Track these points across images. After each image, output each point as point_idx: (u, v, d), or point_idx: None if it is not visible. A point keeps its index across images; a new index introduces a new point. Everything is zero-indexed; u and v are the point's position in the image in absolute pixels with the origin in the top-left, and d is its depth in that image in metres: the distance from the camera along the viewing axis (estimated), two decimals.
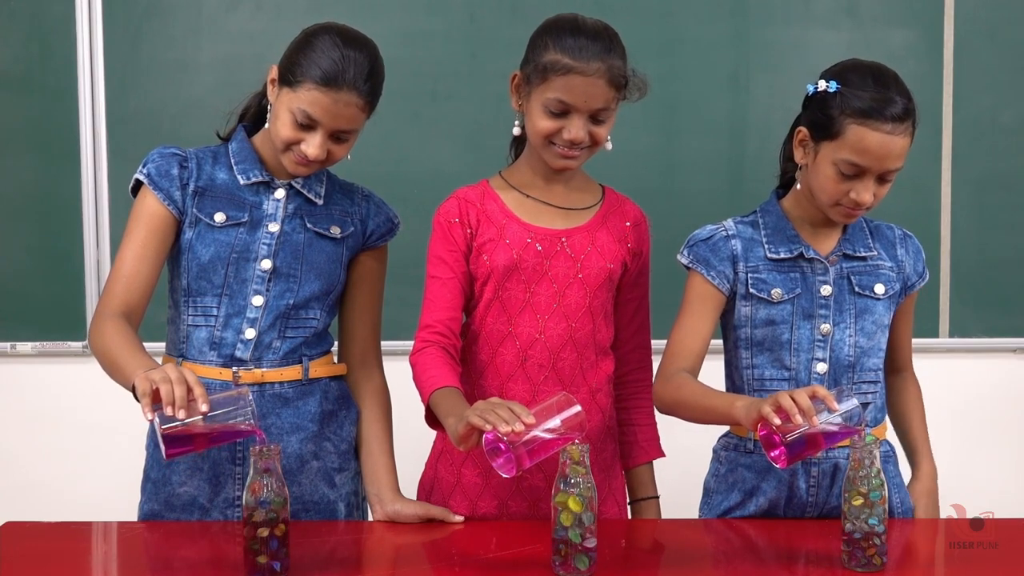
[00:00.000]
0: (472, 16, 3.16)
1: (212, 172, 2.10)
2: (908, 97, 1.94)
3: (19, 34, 3.21)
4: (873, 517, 1.77)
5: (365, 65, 2.00)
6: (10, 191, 3.26)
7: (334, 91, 1.97)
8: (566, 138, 2.02)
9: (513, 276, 2.07)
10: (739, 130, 3.15)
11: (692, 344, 2.05)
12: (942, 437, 2.08)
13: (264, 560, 1.74)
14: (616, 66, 2.02)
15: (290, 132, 2.00)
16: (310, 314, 2.12)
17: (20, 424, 3.33)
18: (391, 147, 3.18)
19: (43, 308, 3.29)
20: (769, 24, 3.20)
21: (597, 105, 2.01)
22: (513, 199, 2.12)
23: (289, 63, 2.01)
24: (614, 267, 2.11)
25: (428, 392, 1.95)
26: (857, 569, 1.79)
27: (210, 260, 2.06)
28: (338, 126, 2.00)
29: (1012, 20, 3.23)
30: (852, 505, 1.78)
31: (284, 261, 2.08)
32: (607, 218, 2.14)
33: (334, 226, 2.13)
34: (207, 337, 2.08)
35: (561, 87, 2.00)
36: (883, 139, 1.91)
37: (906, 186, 3.21)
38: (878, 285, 2.05)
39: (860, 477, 1.78)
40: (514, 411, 1.72)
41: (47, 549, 1.95)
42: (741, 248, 2.07)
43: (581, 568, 1.74)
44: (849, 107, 1.92)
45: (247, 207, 2.09)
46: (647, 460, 2.20)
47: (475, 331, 2.11)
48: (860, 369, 2.05)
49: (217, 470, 2.07)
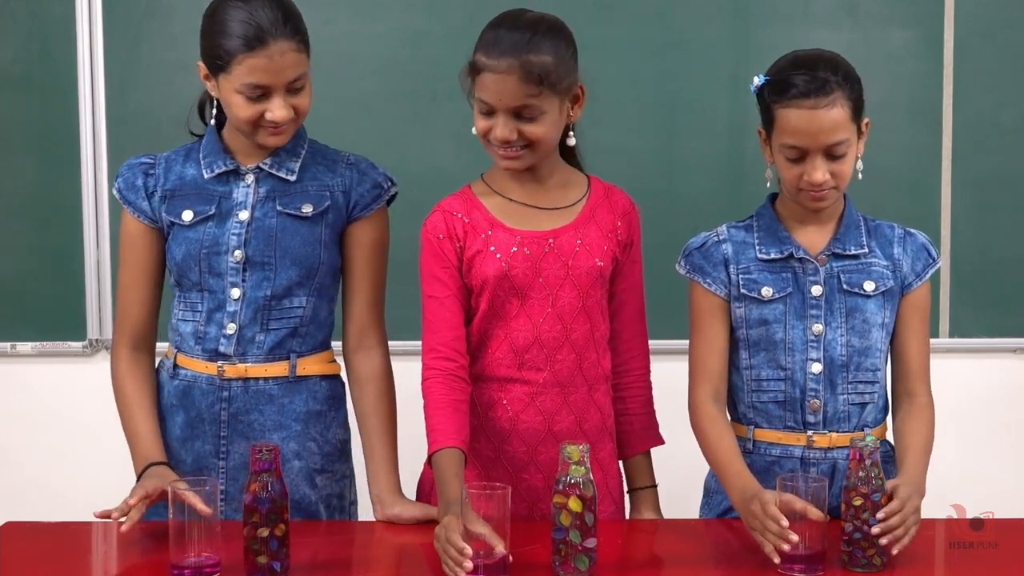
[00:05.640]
0: (472, 16, 3.13)
1: (182, 171, 2.09)
2: (832, 71, 1.93)
3: (19, 34, 3.21)
4: (874, 517, 1.77)
5: (275, 10, 1.95)
6: (10, 191, 3.26)
7: (263, 49, 1.94)
8: (492, 138, 2.00)
9: (504, 284, 2.06)
10: (739, 130, 3.15)
11: (711, 364, 2.06)
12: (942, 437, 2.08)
13: (264, 560, 1.74)
14: (532, 61, 1.95)
15: (249, 110, 1.98)
16: (294, 303, 2.08)
17: (20, 424, 3.32)
18: (391, 147, 3.17)
19: (43, 308, 3.28)
20: (769, 24, 3.20)
21: (513, 103, 1.96)
22: (497, 204, 2.09)
23: (209, 51, 1.99)
24: (604, 264, 2.08)
25: (431, 448, 1.97)
26: (857, 569, 1.79)
27: (183, 258, 2.07)
28: (287, 78, 1.97)
29: (1012, 20, 3.22)
30: (853, 506, 1.78)
31: (256, 249, 2.05)
32: (595, 212, 2.11)
33: (306, 204, 2.08)
34: (193, 331, 2.09)
35: (480, 86, 1.99)
36: (806, 115, 1.92)
37: (906, 186, 3.23)
38: (867, 282, 2.03)
39: (860, 478, 1.78)
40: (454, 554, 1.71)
41: (47, 549, 1.95)
42: (732, 251, 2.07)
43: (581, 568, 1.74)
44: (774, 94, 1.96)
45: (215, 199, 2.07)
46: (643, 449, 2.19)
47: (472, 337, 2.10)
48: (855, 368, 2.04)
49: (201, 463, 2.08)
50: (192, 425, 2.10)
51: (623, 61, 3.14)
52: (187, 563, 1.76)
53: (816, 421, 2.03)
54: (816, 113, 1.92)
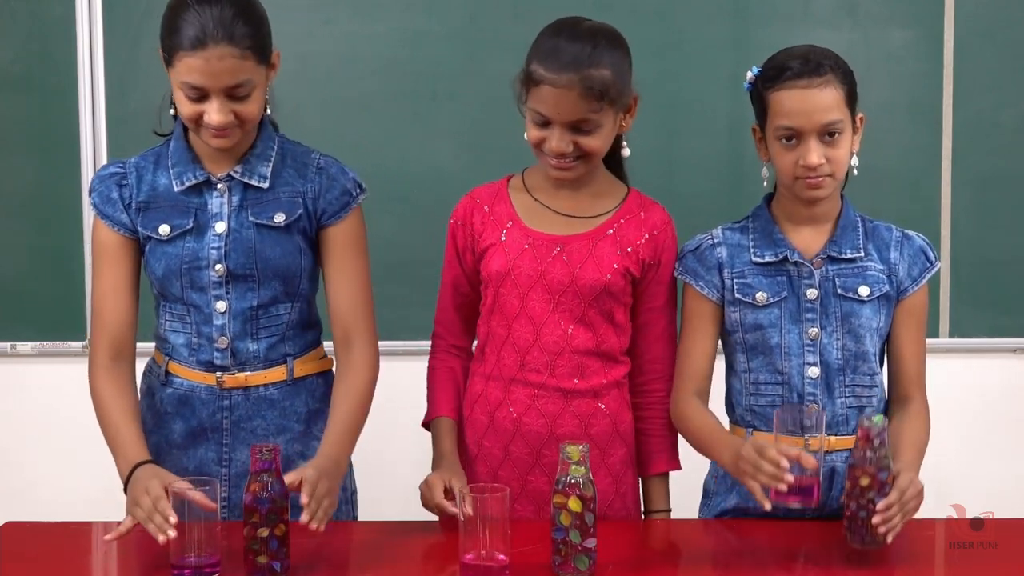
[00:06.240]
0: (472, 16, 3.16)
1: (154, 179, 2.05)
2: (825, 57, 1.97)
3: (19, 34, 3.21)
4: (880, 497, 1.76)
5: (225, 14, 1.90)
6: (10, 191, 3.26)
7: (201, 51, 1.88)
8: (546, 150, 1.99)
9: (507, 282, 2.06)
10: (739, 130, 3.13)
11: (698, 365, 2.07)
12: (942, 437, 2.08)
13: (264, 560, 1.74)
14: (592, 76, 1.93)
15: (189, 108, 1.94)
16: (280, 310, 2.07)
17: (20, 424, 3.32)
18: (391, 147, 3.18)
19: (43, 308, 3.28)
20: (769, 24, 3.20)
21: (572, 117, 1.95)
22: (523, 202, 2.10)
23: (162, 43, 1.96)
24: (612, 279, 2.05)
25: (426, 419, 2.16)
26: (859, 546, 1.79)
27: (164, 274, 2.04)
28: (224, 84, 1.91)
29: (1012, 20, 3.22)
30: (859, 485, 1.78)
31: (237, 263, 2.02)
32: (619, 227, 2.08)
33: (278, 213, 2.04)
34: (185, 343, 2.07)
35: (537, 98, 1.97)
36: (800, 94, 1.94)
37: (906, 186, 3.23)
38: (863, 287, 2.02)
39: (867, 457, 1.77)
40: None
41: (47, 549, 1.95)
42: (727, 255, 2.07)
43: (581, 568, 1.74)
44: (768, 80, 1.98)
45: (192, 211, 2.03)
46: (656, 472, 2.16)
47: (485, 334, 2.12)
48: (852, 372, 2.04)
49: (203, 471, 2.07)
50: (193, 434, 2.09)
51: None
52: (187, 563, 1.76)
53: (811, 425, 2.02)
54: (810, 92, 1.94)
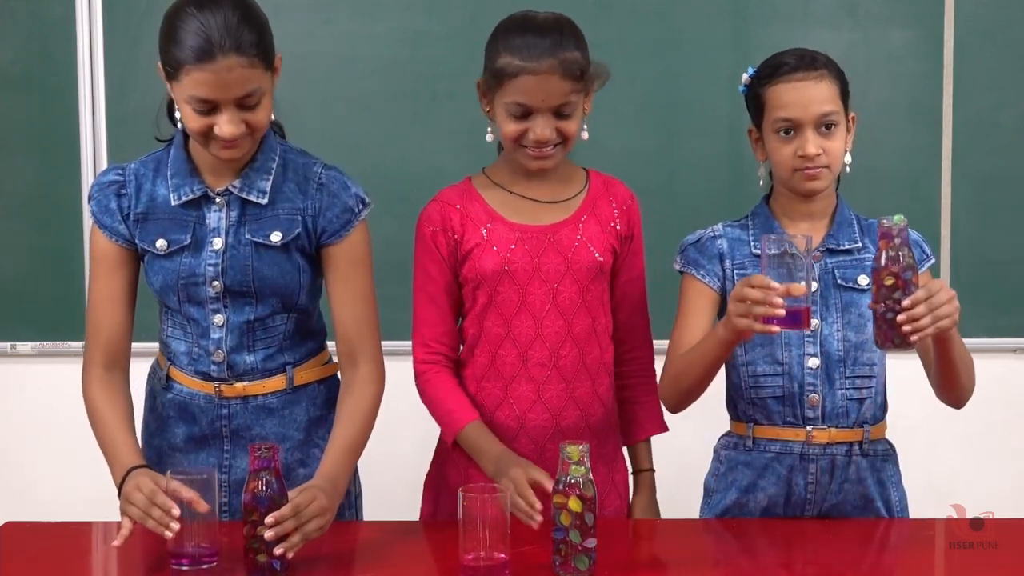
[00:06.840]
0: (472, 16, 3.16)
1: (153, 189, 2.01)
2: (817, 53, 2.05)
3: (19, 34, 3.21)
4: (905, 296, 1.77)
5: (229, 22, 1.84)
6: (10, 191, 3.26)
7: (210, 63, 1.82)
8: (532, 139, 2.02)
9: (504, 279, 2.07)
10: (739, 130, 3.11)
11: (691, 342, 2.05)
12: (942, 437, 2.08)
13: (264, 559, 1.75)
14: (569, 58, 2.00)
15: (198, 122, 1.89)
16: (276, 322, 2.05)
17: (20, 424, 3.32)
18: (391, 147, 3.18)
19: (43, 308, 3.28)
20: (769, 24, 3.20)
21: (556, 101, 2.00)
22: (497, 197, 2.11)
23: (163, 56, 1.89)
24: (604, 258, 2.10)
25: (454, 429, 2.08)
26: (889, 347, 1.80)
27: (161, 288, 2.03)
28: (235, 95, 1.85)
29: (1012, 20, 3.22)
30: (884, 285, 1.79)
31: (234, 280, 1.99)
32: (594, 205, 2.13)
33: (275, 232, 1.99)
34: (187, 351, 2.06)
35: (516, 90, 2.00)
36: (795, 87, 2.00)
37: (906, 186, 3.23)
38: (861, 277, 2.05)
39: (890, 257, 1.78)
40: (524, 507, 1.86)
41: (47, 549, 1.95)
42: (728, 247, 2.09)
43: (581, 568, 1.74)
44: (764, 77, 2.04)
45: (190, 225, 2.00)
46: (645, 437, 2.20)
47: (474, 335, 2.11)
48: (852, 363, 2.05)
49: None
50: (194, 440, 2.08)
51: (623, 61, 3.13)
52: (185, 551, 1.79)
53: (815, 416, 2.04)
54: (807, 84, 2.00)
